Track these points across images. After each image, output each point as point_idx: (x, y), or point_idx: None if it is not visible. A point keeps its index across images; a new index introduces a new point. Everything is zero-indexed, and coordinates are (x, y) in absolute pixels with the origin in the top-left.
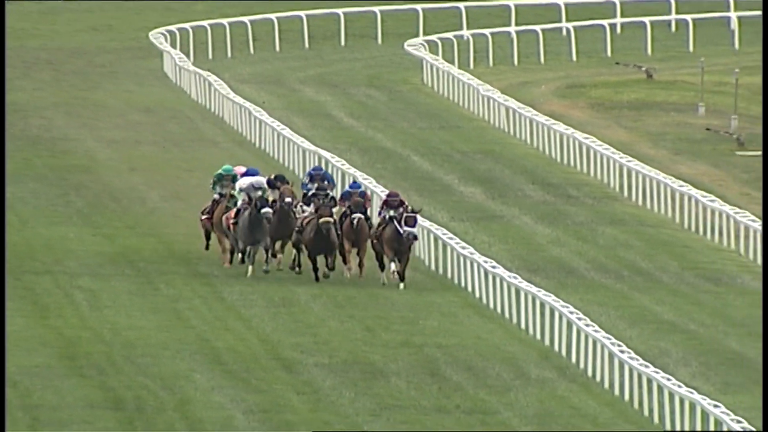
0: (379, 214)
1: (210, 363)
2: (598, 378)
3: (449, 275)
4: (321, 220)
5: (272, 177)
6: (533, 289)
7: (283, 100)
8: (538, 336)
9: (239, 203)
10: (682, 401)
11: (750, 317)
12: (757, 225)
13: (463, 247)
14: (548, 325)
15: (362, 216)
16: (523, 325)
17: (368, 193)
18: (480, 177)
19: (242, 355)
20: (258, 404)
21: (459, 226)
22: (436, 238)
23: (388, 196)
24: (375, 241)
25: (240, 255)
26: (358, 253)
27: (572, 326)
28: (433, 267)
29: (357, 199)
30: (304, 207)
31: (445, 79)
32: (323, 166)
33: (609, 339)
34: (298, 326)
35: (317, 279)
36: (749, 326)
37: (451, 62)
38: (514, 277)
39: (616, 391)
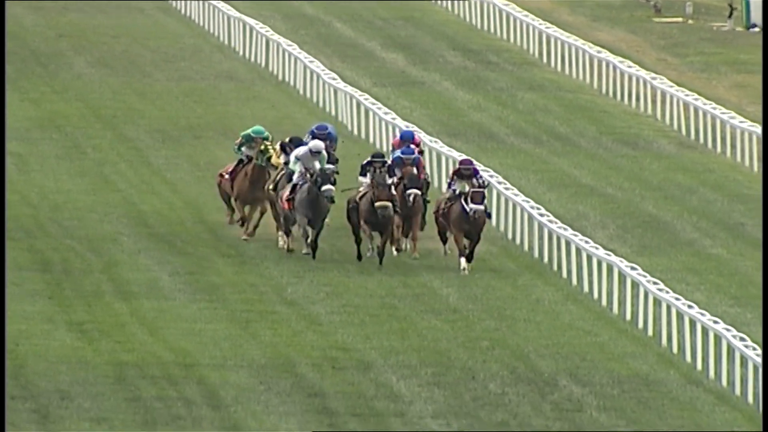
0: (449, 186)
1: (136, 226)
2: (517, 241)
3: (371, 139)
4: (377, 204)
5: (287, 140)
6: (454, 153)
7: None
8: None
9: (295, 176)
10: (599, 263)
11: (666, 181)
12: (674, 90)
13: (386, 113)
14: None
15: (419, 192)
16: (443, 188)
17: (422, 159)
18: (401, 43)
19: (168, 218)
20: (183, 266)
21: (381, 92)
22: (359, 104)
23: (461, 164)
24: (440, 218)
25: (303, 239)
26: (411, 229)
27: (492, 189)
28: (356, 132)
29: (411, 169)
30: (360, 178)
31: None
32: (248, 34)
33: (528, 202)
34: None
35: (360, 257)
36: (665, 190)
37: None
38: (435, 142)
39: (536, 254)
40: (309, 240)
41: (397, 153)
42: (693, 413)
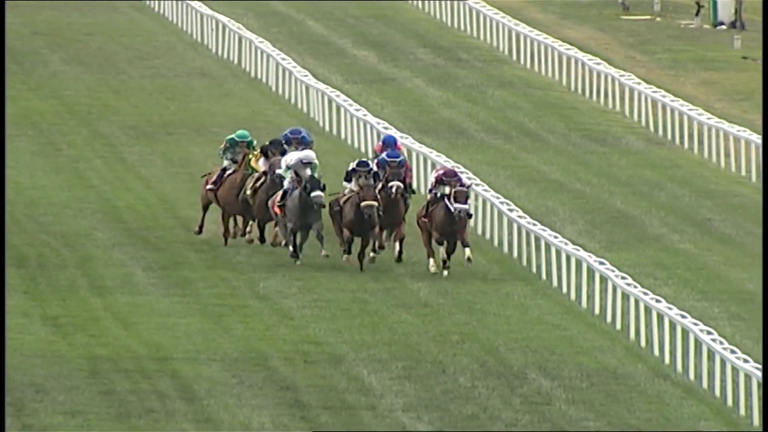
0: (430, 191)
1: (110, 221)
2: (487, 236)
3: (342, 136)
4: (363, 203)
5: (267, 144)
6: (424, 149)
7: None
8: (428, 195)
9: (286, 183)
10: (568, 258)
11: (634, 177)
12: (642, 87)
13: (357, 109)
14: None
15: (401, 184)
16: (414, 185)
17: (408, 162)
18: (373, 41)
19: (142, 213)
20: (157, 261)
21: (352, 89)
22: (330, 101)
23: (444, 174)
24: (423, 219)
25: (290, 244)
26: (392, 231)
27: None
28: (327, 128)
29: (395, 169)
30: (344, 183)
31: None
32: (221, 31)
33: (498, 198)
34: (196, 185)
35: (348, 252)
36: (633, 185)
37: None
38: (406, 138)
39: (505, 249)
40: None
41: (383, 156)
42: (661, 406)
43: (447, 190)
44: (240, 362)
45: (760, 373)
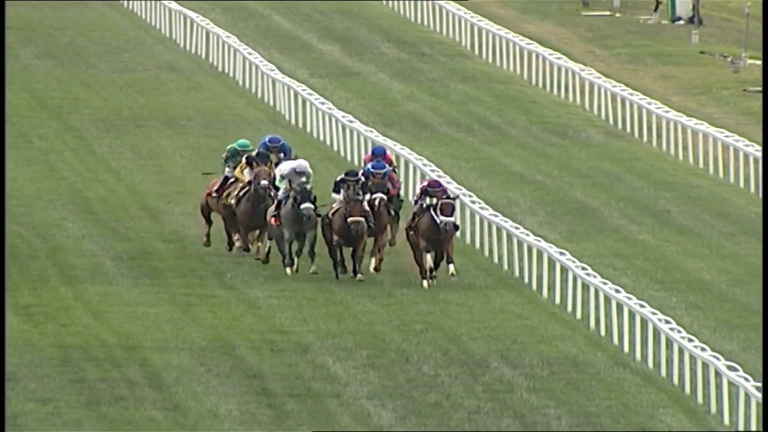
0: (416, 203)
1: (81, 212)
2: None
3: (308, 129)
4: (350, 220)
5: (252, 154)
6: (389, 142)
7: None
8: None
9: (281, 193)
10: (530, 249)
11: (594, 169)
12: (602, 81)
13: (322, 103)
14: (403, 176)
15: (384, 196)
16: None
17: (394, 175)
18: (338, 35)
19: (112, 205)
20: (126, 251)
21: (318, 83)
22: (296, 94)
23: (429, 185)
24: (410, 232)
25: (285, 253)
26: (375, 243)
27: (425, 177)
28: (293, 122)
29: (379, 180)
30: (333, 195)
31: None
32: (189, 26)
33: (461, 190)
34: (164, 177)
35: (337, 276)
36: (593, 177)
37: None
38: (370, 131)
39: (468, 240)
40: (297, 251)
41: (368, 166)
42: (620, 394)
43: (433, 200)
44: (208, 351)
45: (717, 362)
